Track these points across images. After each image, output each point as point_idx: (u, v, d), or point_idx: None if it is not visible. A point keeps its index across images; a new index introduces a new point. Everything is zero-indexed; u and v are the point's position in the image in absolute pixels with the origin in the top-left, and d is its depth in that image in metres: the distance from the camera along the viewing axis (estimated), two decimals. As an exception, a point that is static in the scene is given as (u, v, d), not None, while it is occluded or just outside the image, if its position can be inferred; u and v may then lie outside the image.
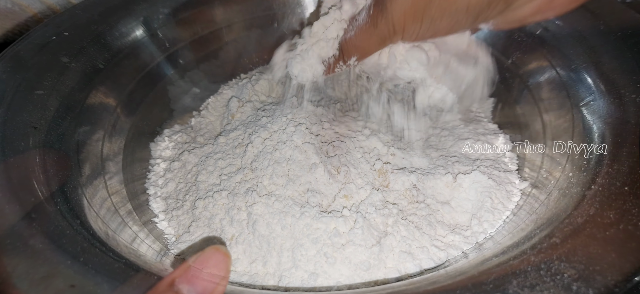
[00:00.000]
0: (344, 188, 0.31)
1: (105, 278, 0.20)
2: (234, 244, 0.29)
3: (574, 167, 0.28)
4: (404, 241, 0.28)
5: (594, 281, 0.18)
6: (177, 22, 0.41)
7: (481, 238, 0.29)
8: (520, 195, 0.31)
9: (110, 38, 0.36)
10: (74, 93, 0.31)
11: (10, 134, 0.26)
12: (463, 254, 0.28)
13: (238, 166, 0.34)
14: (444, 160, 0.34)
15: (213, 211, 0.31)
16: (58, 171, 0.26)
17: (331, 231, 0.28)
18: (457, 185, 0.31)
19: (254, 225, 0.29)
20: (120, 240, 0.26)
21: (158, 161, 0.37)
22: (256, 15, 0.45)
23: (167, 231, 0.32)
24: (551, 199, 0.27)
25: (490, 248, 0.26)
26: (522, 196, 0.31)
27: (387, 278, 0.27)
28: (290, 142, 0.33)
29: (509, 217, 0.30)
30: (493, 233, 0.29)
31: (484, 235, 0.29)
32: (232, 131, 0.37)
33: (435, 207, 0.31)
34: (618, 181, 0.24)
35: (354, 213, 0.29)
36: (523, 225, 0.27)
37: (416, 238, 0.28)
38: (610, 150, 0.26)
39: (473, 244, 0.29)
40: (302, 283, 0.27)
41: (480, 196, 0.30)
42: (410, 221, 0.30)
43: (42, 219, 0.22)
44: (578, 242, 0.21)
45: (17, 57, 0.31)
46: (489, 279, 0.20)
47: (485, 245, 0.28)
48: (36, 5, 0.47)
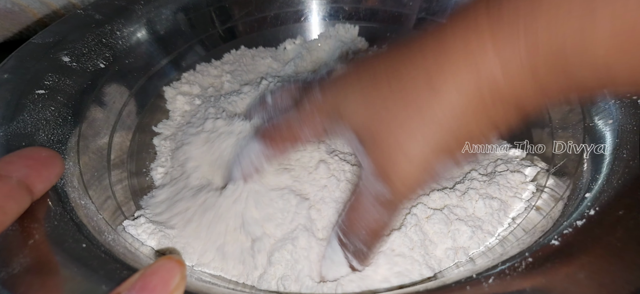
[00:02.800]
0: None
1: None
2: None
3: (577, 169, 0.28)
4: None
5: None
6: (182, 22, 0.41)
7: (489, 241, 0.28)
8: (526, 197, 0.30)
9: (112, 39, 0.36)
10: (76, 94, 0.31)
11: (10, 134, 0.26)
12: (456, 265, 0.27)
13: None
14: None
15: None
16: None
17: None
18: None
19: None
20: (119, 243, 0.26)
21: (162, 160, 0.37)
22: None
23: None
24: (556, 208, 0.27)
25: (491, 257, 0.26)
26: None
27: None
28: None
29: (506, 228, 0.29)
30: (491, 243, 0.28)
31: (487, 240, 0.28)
32: None
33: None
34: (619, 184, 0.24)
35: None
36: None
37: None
38: (610, 150, 0.26)
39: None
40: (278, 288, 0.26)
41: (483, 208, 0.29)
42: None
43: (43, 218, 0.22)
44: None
45: (19, 56, 0.31)
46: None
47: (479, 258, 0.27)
48: (36, 6, 0.47)
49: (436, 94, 0.20)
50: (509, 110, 0.20)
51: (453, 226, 0.28)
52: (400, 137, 0.21)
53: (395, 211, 0.23)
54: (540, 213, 0.27)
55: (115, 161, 0.33)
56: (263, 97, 0.35)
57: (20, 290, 0.18)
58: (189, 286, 0.22)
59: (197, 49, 0.44)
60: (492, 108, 0.20)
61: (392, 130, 0.22)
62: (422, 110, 0.21)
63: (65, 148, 0.28)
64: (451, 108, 0.20)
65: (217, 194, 0.30)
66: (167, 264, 0.16)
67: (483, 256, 0.27)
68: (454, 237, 0.27)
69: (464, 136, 0.21)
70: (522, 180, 0.30)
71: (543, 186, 0.30)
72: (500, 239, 0.27)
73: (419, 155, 0.21)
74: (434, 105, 0.20)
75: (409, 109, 0.21)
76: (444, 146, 0.21)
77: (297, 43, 0.48)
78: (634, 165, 0.24)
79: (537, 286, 0.19)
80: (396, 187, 0.22)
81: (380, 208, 0.23)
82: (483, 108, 0.20)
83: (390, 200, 0.22)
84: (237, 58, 0.46)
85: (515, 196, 0.30)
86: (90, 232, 0.23)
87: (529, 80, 0.18)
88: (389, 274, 0.26)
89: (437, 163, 0.21)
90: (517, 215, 0.29)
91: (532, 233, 0.25)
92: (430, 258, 0.27)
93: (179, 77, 0.42)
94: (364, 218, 0.24)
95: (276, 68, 0.45)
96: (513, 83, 0.19)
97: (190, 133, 0.35)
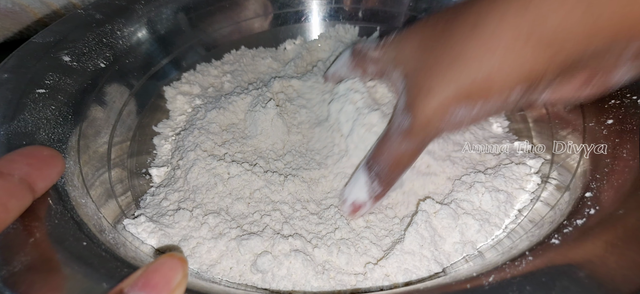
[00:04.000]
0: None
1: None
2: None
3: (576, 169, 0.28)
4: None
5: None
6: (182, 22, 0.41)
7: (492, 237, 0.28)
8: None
9: (113, 39, 0.36)
10: (77, 93, 0.31)
11: (11, 133, 0.26)
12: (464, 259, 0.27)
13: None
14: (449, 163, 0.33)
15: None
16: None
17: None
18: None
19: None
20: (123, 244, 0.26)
21: (162, 159, 0.37)
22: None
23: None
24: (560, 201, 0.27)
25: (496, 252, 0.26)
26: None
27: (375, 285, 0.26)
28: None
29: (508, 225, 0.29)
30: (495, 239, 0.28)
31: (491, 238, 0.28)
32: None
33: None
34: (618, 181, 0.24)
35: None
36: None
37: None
38: (610, 150, 0.26)
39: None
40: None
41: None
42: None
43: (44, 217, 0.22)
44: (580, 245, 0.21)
45: (19, 56, 0.31)
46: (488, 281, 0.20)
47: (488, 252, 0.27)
48: (36, 5, 0.47)
49: (475, 29, 0.22)
50: (542, 54, 0.20)
51: (461, 220, 0.28)
52: (433, 75, 0.24)
53: (413, 141, 0.26)
54: (546, 204, 0.28)
55: (115, 161, 0.33)
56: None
57: (21, 288, 0.18)
58: (190, 285, 0.22)
59: (198, 48, 0.44)
60: (526, 49, 0.20)
61: (430, 69, 0.24)
62: (457, 46, 0.23)
63: (65, 147, 0.28)
64: (484, 42, 0.21)
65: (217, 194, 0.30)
66: (169, 262, 0.16)
67: (492, 249, 0.27)
68: (462, 231, 0.28)
69: (488, 79, 0.22)
70: (526, 171, 0.31)
71: (547, 176, 0.30)
72: (508, 232, 0.28)
73: (442, 93, 0.23)
74: (469, 40, 0.22)
75: (449, 49, 0.23)
76: (467, 89, 0.22)
77: (297, 43, 0.48)
78: (634, 165, 0.24)
79: (537, 285, 0.19)
80: (416, 118, 0.24)
81: (401, 137, 0.26)
82: (517, 47, 0.21)
83: (410, 130, 0.25)
84: (237, 58, 0.46)
85: (521, 188, 0.30)
86: (91, 231, 0.23)
87: (581, 14, 0.19)
88: (397, 271, 0.26)
89: (457, 105, 0.23)
90: (523, 207, 0.29)
91: (540, 225, 0.25)
92: (439, 254, 0.27)
93: (179, 76, 0.42)
94: (387, 145, 0.27)
95: (276, 69, 0.45)
96: (565, 16, 0.19)
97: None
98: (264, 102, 0.37)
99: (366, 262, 0.27)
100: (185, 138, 0.35)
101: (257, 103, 0.37)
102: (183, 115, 0.40)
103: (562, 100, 0.25)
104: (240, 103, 0.39)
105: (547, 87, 0.23)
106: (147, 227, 0.28)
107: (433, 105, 0.24)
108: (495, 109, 0.23)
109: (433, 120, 0.24)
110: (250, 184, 0.32)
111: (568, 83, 0.24)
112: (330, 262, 0.27)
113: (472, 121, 0.24)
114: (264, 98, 0.38)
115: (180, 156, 0.34)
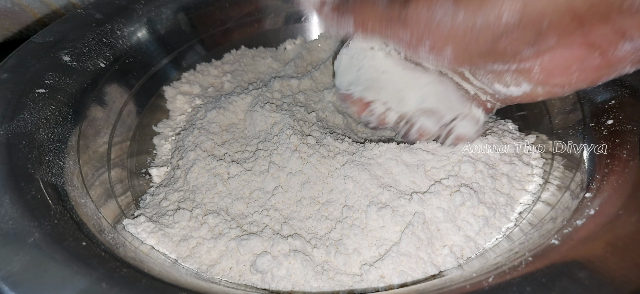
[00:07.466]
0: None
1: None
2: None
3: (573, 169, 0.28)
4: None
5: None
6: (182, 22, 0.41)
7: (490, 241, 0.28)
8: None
9: (113, 39, 0.36)
10: (77, 93, 0.31)
11: (11, 133, 0.26)
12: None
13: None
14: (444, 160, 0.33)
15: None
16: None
17: None
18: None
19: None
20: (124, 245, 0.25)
21: (162, 160, 0.37)
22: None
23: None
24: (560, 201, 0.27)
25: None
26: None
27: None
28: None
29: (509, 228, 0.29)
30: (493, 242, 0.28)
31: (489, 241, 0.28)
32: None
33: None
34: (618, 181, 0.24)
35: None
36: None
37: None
38: (610, 150, 0.26)
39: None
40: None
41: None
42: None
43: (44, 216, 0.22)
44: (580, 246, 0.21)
45: (19, 55, 0.31)
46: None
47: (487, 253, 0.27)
48: (36, 5, 0.47)
49: None
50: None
51: (460, 222, 0.28)
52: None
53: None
54: (547, 204, 0.28)
55: (115, 161, 0.33)
56: None
57: (20, 288, 0.18)
58: (190, 285, 0.22)
59: (198, 48, 0.44)
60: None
61: None
62: None
63: (65, 147, 0.28)
64: None
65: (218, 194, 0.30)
66: None
67: (492, 250, 0.27)
68: (462, 232, 0.27)
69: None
70: (528, 172, 0.30)
71: (548, 176, 0.30)
72: (508, 233, 0.27)
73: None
74: None
75: None
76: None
77: (297, 43, 0.48)
78: (634, 165, 0.24)
79: (537, 285, 0.19)
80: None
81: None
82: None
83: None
84: (237, 58, 0.46)
85: (523, 189, 0.30)
86: (90, 231, 0.23)
87: None
88: (392, 273, 0.26)
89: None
90: (524, 209, 0.29)
91: (540, 226, 0.25)
92: (436, 256, 0.27)
93: (179, 76, 0.42)
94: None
95: (276, 68, 0.45)
96: None
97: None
98: (263, 103, 0.37)
99: (362, 263, 0.27)
100: (185, 138, 0.35)
101: (257, 103, 0.37)
102: (183, 115, 0.40)
103: (558, 70, 0.23)
104: (240, 103, 0.39)
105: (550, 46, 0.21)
106: (146, 227, 0.28)
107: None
108: (485, 27, 0.21)
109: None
110: (250, 184, 0.32)
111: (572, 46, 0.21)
112: (329, 262, 0.27)
113: (457, 30, 0.22)
114: (263, 98, 0.38)
115: (180, 156, 0.34)
